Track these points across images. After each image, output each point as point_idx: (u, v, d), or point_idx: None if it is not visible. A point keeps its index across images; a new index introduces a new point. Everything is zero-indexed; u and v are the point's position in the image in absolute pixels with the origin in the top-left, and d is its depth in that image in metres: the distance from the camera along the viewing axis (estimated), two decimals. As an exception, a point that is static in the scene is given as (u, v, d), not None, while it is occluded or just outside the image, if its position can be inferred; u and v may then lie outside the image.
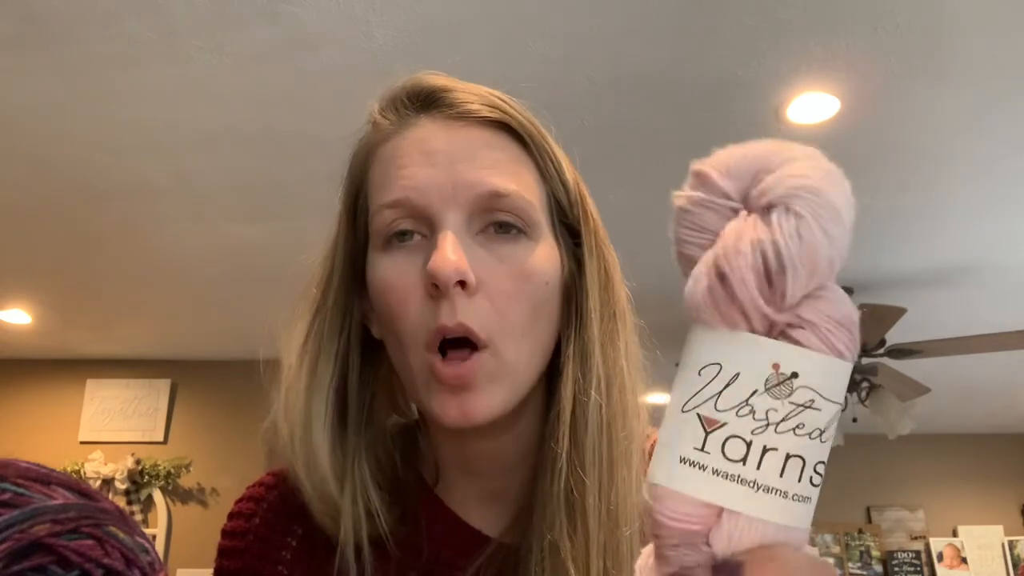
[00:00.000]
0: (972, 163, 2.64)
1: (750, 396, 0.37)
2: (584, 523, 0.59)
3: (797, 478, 0.37)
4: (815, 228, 0.36)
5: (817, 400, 0.37)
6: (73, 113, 2.32)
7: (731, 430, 0.37)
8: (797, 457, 0.37)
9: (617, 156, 2.56)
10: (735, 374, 0.37)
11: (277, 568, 0.67)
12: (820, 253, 0.37)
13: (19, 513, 0.38)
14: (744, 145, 0.40)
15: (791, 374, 0.37)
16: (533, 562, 0.59)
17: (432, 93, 0.64)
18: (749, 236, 0.37)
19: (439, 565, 0.65)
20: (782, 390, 0.37)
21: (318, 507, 0.64)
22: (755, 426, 0.37)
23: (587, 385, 0.61)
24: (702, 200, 0.39)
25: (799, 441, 0.37)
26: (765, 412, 0.37)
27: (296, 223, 2.87)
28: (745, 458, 0.37)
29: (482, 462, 0.66)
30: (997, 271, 3.38)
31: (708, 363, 0.38)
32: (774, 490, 0.37)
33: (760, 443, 0.37)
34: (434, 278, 0.57)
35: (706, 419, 0.37)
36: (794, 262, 0.36)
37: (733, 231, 0.37)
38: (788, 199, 0.37)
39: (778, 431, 0.37)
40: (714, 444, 0.37)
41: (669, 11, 1.96)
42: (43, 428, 4.26)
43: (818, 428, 0.37)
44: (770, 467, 0.37)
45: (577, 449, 0.60)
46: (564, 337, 0.64)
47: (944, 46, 2.09)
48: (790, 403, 0.37)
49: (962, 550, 5.45)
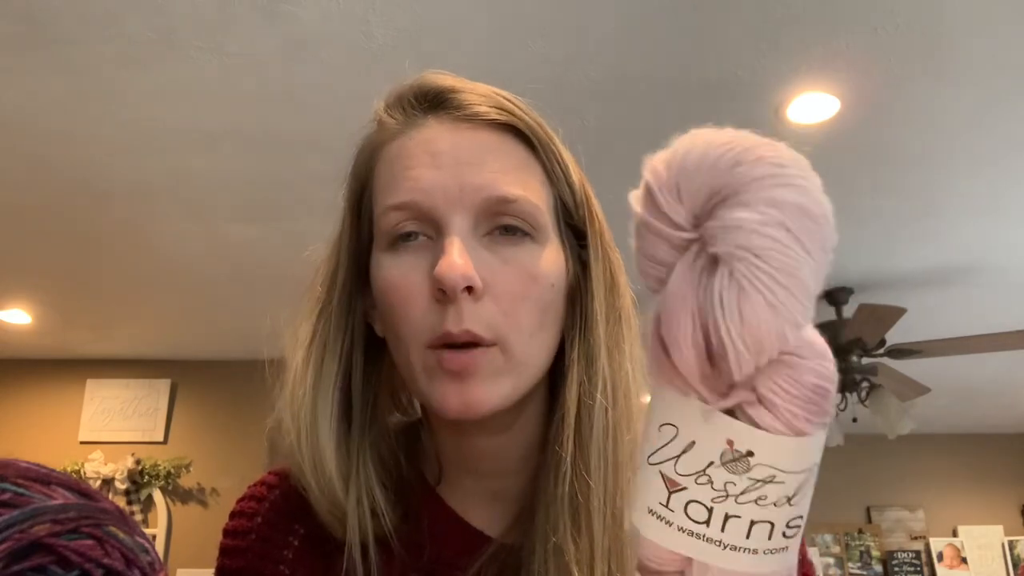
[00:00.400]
0: (972, 163, 2.64)
1: (707, 467, 0.35)
2: (589, 526, 0.59)
3: (767, 537, 0.35)
4: (759, 305, 0.32)
5: (778, 475, 0.34)
6: (73, 113, 2.32)
7: (692, 495, 0.35)
8: (764, 523, 0.35)
9: (617, 156, 2.55)
10: (691, 442, 0.35)
11: (279, 567, 0.67)
12: (767, 332, 0.32)
13: (19, 513, 0.38)
14: (709, 139, 0.35)
15: (746, 452, 0.34)
16: (536, 564, 0.59)
17: (440, 94, 0.64)
18: (690, 305, 0.33)
19: (440, 564, 0.64)
20: (738, 466, 0.34)
21: (324, 506, 0.64)
22: (715, 495, 0.35)
23: (592, 388, 0.61)
24: (651, 226, 0.35)
25: (763, 511, 0.34)
26: (723, 484, 0.34)
27: (296, 223, 2.87)
28: (708, 521, 0.35)
29: (483, 461, 0.66)
30: (997, 271, 3.38)
31: (665, 422, 0.36)
32: (741, 548, 0.35)
33: (722, 511, 0.35)
34: (441, 283, 0.57)
35: (668, 479, 0.36)
36: (735, 343, 0.32)
37: (674, 286, 0.33)
38: (733, 260, 0.32)
39: (739, 502, 0.34)
40: (677, 504, 0.35)
41: (669, 11, 1.96)
42: (43, 428, 4.26)
43: (784, 496, 0.35)
44: (735, 531, 0.35)
45: (582, 452, 0.60)
46: (568, 339, 0.64)
47: (944, 46, 2.09)
48: (748, 478, 0.34)
49: (962, 550, 5.45)
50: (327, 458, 0.63)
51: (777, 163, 0.33)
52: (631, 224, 0.38)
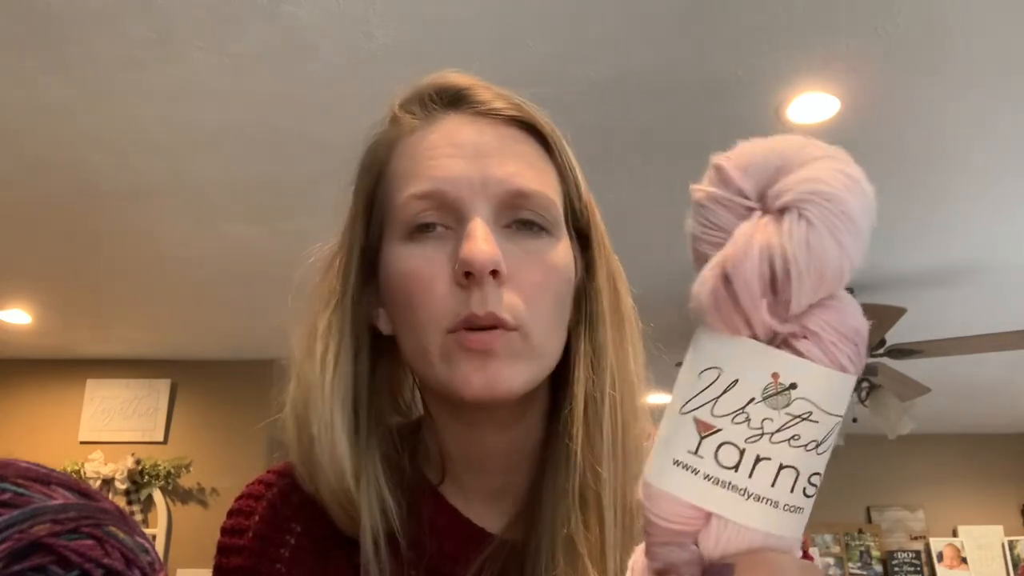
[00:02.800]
0: (972, 163, 2.64)
1: (747, 404, 0.36)
2: (600, 518, 0.60)
3: (790, 488, 0.37)
4: (826, 237, 0.35)
5: (815, 412, 0.36)
6: (73, 113, 2.32)
7: (725, 436, 0.37)
8: (791, 468, 0.36)
9: (617, 156, 2.56)
10: (733, 380, 0.37)
11: (276, 566, 0.67)
12: (829, 263, 0.36)
13: (19, 513, 0.38)
14: (768, 140, 0.39)
15: (789, 385, 0.36)
16: (544, 558, 0.60)
17: (460, 91, 0.65)
18: (758, 241, 0.36)
19: (443, 561, 0.65)
20: (779, 400, 0.36)
21: (337, 503, 0.64)
22: (750, 434, 0.36)
23: (601, 383, 0.62)
24: (717, 196, 0.38)
25: (794, 452, 0.36)
26: (761, 421, 0.36)
27: (296, 223, 2.87)
28: (737, 465, 0.36)
29: (488, 457, 0.66)
30: (997, 271, 3.38)
31: (708, 367, 0.37)
32: (764, 499, 0.36)
33: (754, 452, 0.36)
34: (469, 266, 0.57)
35: (701, 423, 0.37)
36: (800, 272, 0.35)
37: (743, 233, 0.37)
38: (801, 204, 0.36)
39: (773, 441, 0.36)
40: (708, 449, 0.37)
41: (669, 11, 1.96)
42: (43, 428, 4.26)
43: (814, 440, 0.37)
44: (762, 476, 0.36)
45: (591, 445, 0.61)
46: (574, 336, 0.65)
47: (944, 46, 2.09)
48: (787, 414, 0.36)
49: (962, 550, 5.45)
50: (343, 452, 0.63)
51: (832, 152, 0.38)
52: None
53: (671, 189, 2.76)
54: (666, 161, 2.60)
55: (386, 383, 0.70)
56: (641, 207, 2.86)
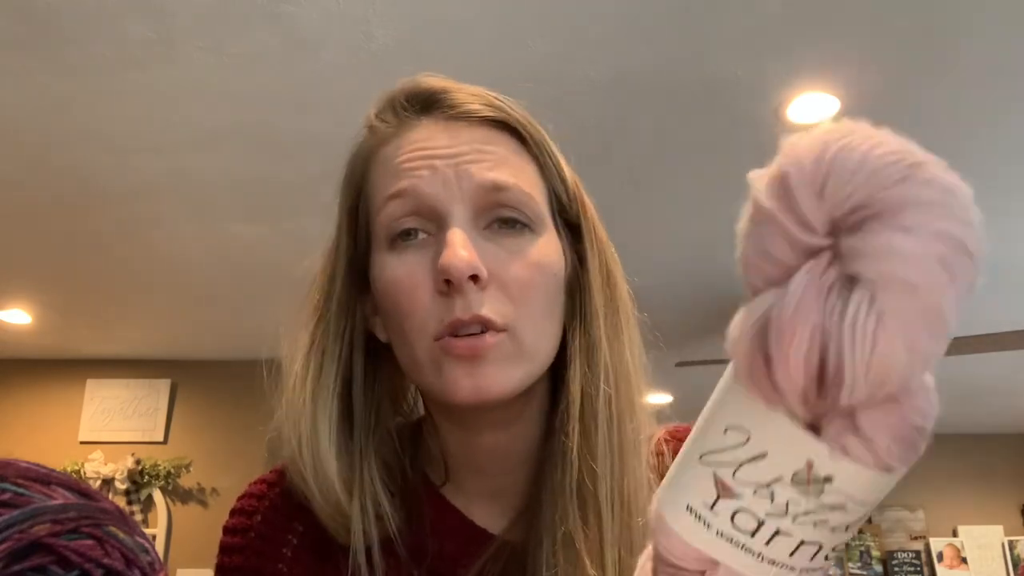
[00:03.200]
0: (972, 163, 2.63)
1: (772, 481, 0.32)
2: (597, 514, 0.59)
3: (810, 558, 0.33)
4: (897, 340, 0.27)
5: (849, 504, 0.32)
6: (73, 113, 2.32)
7: (745, 504, 0.33)
8: (813, 544, 0.33)
9: (617, 156, 2.56)
10: (762, 452, 0.32)
11: (278, 566, 0.67)
12: (895, 370, 0.28)
13: (19, 513, 0.38)
14: (862, 143, 0.30)
15: (824, 477, 0.31)
16: (544, 555, 0.60)
17: (431, 95, 0.65)
18: (812, 318, 0.28)
19: (444, 563, 0.65)
20: (811, 489, 0.31)
21: (327, 513, 0.64)
22: (771, 510, 0.32)
23: (595, 378, 0.62)
24: (777, 222, 0.30)
25: (818, 532, 0.32)
26: (786, 502, 0.32)
27: (296, 223, 2.87)
28: (754, 533, 0.33)
29: (488, 458, 0.66)
30: (997, 271, 3.38)
31: (735, 425, 0.32)
32: (780, 564, 0.33)
33: (774, 526, 0.32)
34: (446, 274, 0.57)
35: (721, 483, 0.33)
36: (856, 375, 0.28)
37: (796, 296, 0.29)
38: (876, 287, 0.27)
39: (796, 522, 0.32)
40: (724, 509, 0.33)
41: (669, 11, 1.96)
42: (43, 428, 4.26)
43: (844, 524, 0.33)
44: (780, 547, 0.33)
45: (587, 441, 0.61)
46: (569, 331, 0.64)
47: (944, 46, 2.09)
48: (816, 503, 0.32)
49: (962, 550, 5.45)
50: (329, 466, 0.63)
51: (949, 189, 0.29)
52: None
53: (671, 189, 2.76)
54: (666, 161, 2.60)
55: (387, 388, 0.70)
56: (641, 207, 2.86)
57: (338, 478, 0.63)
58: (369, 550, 0.63)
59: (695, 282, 3.45)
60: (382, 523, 0.63)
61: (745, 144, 2.51)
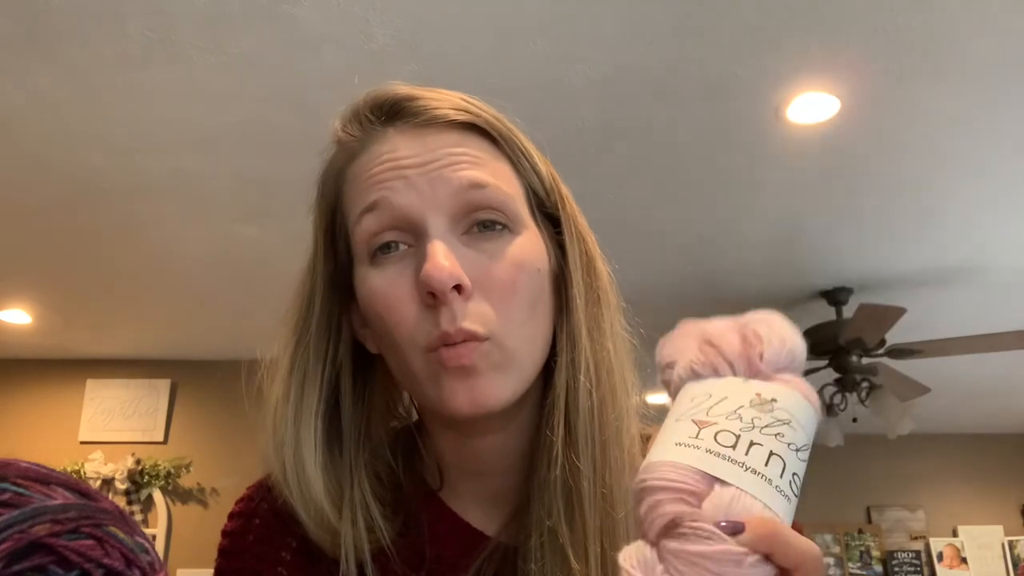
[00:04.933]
0: (972, 163, 2.64)
1: (737, 408, 0.43)
2: (580, 507, 0.59)
3: (779, 473, 0.41)
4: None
5: (793, 422, 0.43)
6: (73, 113, 2.32)
7: (721, 427, 0.42)
8: (778, 456, 0.41)
9: (617, 156, 2.56)
10: (723, 397, 0.43)
11: (277, 569, 0.67)
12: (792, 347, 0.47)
13: (19, 513, 0.38)
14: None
15: (771, 399, 0.43)
16: (532, 551, 0.60)
17: (396, 103, 0.63)
18: (732, 325, 0.48)
19: (442, 567, 0.65)
20: (764, 407, 0.43)
21: (317, 534, 0.64)
22: (742, 426, 0.42)
23: (576, 371, 0.62)
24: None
25: (779, 445, 0.41)
26: (751, 419, 0.42)
27: (296, 223, 2.84)
28: (735, 445, 0.41)
29: (485, 461, 0.66)
30: (997, 271, 3.38)
31: (699, 394, 0.44)
32: (760, 474, 0.40)
33: (748, 438, 0.41)
34: (429, 286, 0.57)
35: (698, 421, 0.42)
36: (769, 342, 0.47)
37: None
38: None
39: (763, 432, 0.41)
40: (707, 435, 0.41)
41: (669, 11, 1.96)
42: (43, 428, 4.26)
43: (794, 444, 0.42)
44: (757, 456, 0.41)
45: (570, 434, 0.61)
46: (557, 326, 0.64)
47: (944, 46, 2.09)
48: (771, 416, 0.42)
49: (962, 550, 5.45)
50: (316, 488, 0.63)
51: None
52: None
53: (671, 189, 2.76)
54: (666, 161, 2.60)
55: (379, 396, 0.70)
56: (641, 207, 2.86)
57: (326, 498, 0.63)
58: (361, 564, 0.62)
59: (694, 282, 3.45)
60: (374, 535, 0.63)
61: (745, 144, 2.51)
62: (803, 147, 2.50)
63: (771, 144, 2.50)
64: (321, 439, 0.64)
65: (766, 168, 2.62)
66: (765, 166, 2.61)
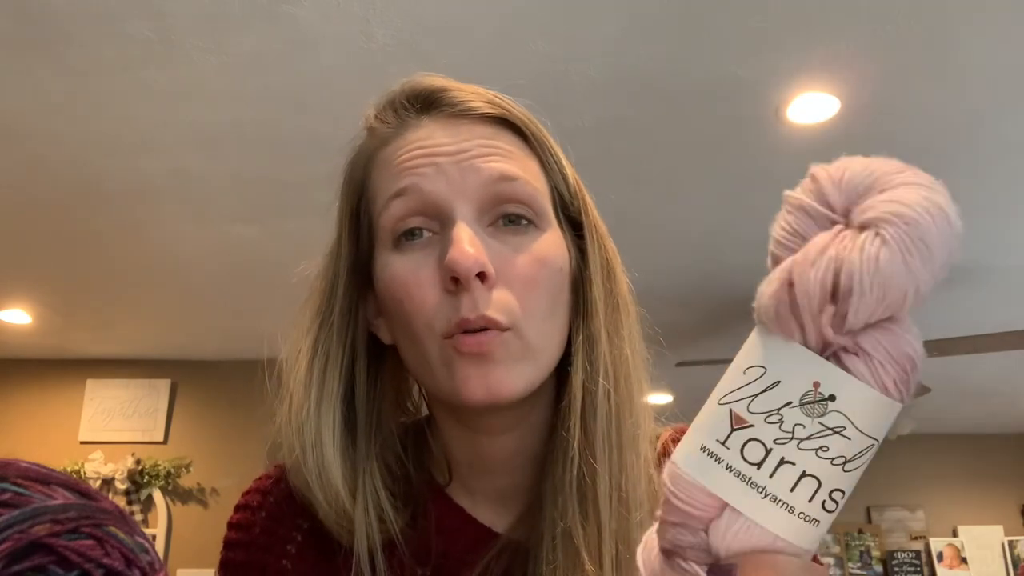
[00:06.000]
0: (972, 163, 2.64)
1: (782, 406, 0.37)
2: (596, 510, 0.59)
3: (808, 498, 0.37)
4: (896, 258, 0.35)
5: (848, 429, 0.37)
6: (73, 113, 2.32)
7: (755, 433, 0.37)
8: (812, 477, 0.37)
9: (617, 156, 2.56)
10: (775, 381, 0.37)
11: (282, 561, 0.67)
12: (895, 284, 0.36)
13: (19, 513, 0.38)
14: (868, 160, 0.40)
15: (828, 396, 0.37)
16: (545, 551, 0.60)
17: (432, 94, 0.64)
18: (829, 251, 0.36)
19: (449, 562, 0.65)
20: (815, 409, 0.37)
21: (331, 518, 0.64)
22: (779, 436, 0.37)
23: (595, 373, 0.62)
24: (805, 205, 0.39)
25: (819, 463, 0.37)
26: (792, 426, 0.37)
27: (296, 223, 2.87)
28: (761, 463, 0.37)
29: (495, 459, 0.66)
30: (997, 271, 3.38)
31: (754, 364, 0.38)
32: (780, 501, 0.37)
33: (779, 454, 0.37)
34: (453, 271, 0.57)
35: (736, 415, 0.38)
36: (864, 287, 0.35)
37: (817, 243, 0.37)
38: (880, 223, 0.36)
39: (800, 448, 0.37)
40: (736, 441, 0.38)
41: (669, 11, 1.96)
42: (43, 428, 4.26)
43: (843, 456, 0.37)
44: (783, 479, 0.37)
45: (587, 437, 0.61)
46: (573, 327, 0.64)
47: (944, 46, 2.09)
48: (819, 423, 0.37)
49: (962, 550, 5.45)
50: (334, 473, 0.63)
51: (929, 182, 0.38)
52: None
53: (671, 189, 2.76)
54: (666, 161, 2.60)
55: (390, 390, 0.70)
56: (641, 207, 2.86)
57: (343, 484, 0.63)
58: (372, 552, 0.62)
59: (695, 282, 3.45)
60: (384, 525, 0.63)
61: (745, 144, 2.51)
62: (803, 147, 2.50)
63: (771, 144, 2.50)
64: (340, 424, 0.64)
65: (766, 168, 2.62)
66: (765, 166, 2.61)
